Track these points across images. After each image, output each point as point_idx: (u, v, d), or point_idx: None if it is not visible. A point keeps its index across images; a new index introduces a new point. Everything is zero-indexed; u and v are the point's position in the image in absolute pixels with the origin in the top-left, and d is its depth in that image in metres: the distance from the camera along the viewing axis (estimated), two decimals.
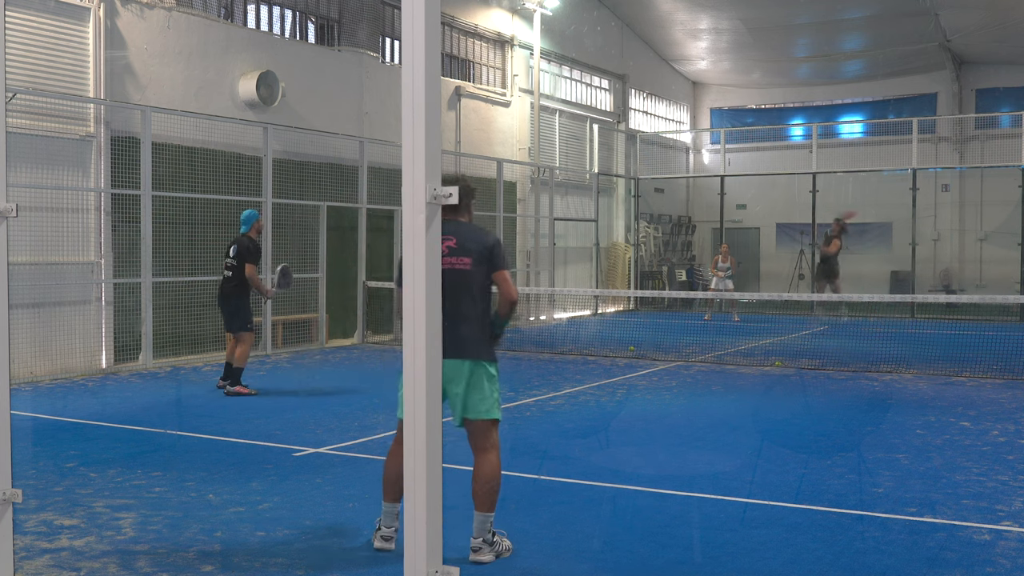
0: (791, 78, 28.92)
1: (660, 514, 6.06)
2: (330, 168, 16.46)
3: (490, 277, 5.19)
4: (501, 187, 20.36)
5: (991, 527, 5.74)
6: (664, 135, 28.88)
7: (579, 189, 24.18)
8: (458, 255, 5.10)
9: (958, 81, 26.93)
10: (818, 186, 23.64)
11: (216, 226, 14.30)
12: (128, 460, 7.48)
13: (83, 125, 12.64)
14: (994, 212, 25.33)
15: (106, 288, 12.81)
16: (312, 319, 15.98)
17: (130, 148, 13.10)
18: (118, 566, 5.00)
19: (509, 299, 5.21)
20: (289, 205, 15.53)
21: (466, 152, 19.71)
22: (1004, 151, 24.70)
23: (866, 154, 27.20)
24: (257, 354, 14.48)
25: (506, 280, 5.20)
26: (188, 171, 14.02)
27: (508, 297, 5.21)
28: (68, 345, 12.33)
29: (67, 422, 9.14)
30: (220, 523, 5.77)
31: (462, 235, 5.18)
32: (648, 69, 27.60)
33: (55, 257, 12.22)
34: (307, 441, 8.23)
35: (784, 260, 27.11)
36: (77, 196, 12.59)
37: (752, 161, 28.49)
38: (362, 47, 17.20)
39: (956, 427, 9.00)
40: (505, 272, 5.23)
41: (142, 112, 13.08)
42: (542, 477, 6.97)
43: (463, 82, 20.19)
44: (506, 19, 21.54)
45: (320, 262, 16.05)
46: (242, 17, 15.59)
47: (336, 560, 5.11)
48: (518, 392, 11.13)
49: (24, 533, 5.48)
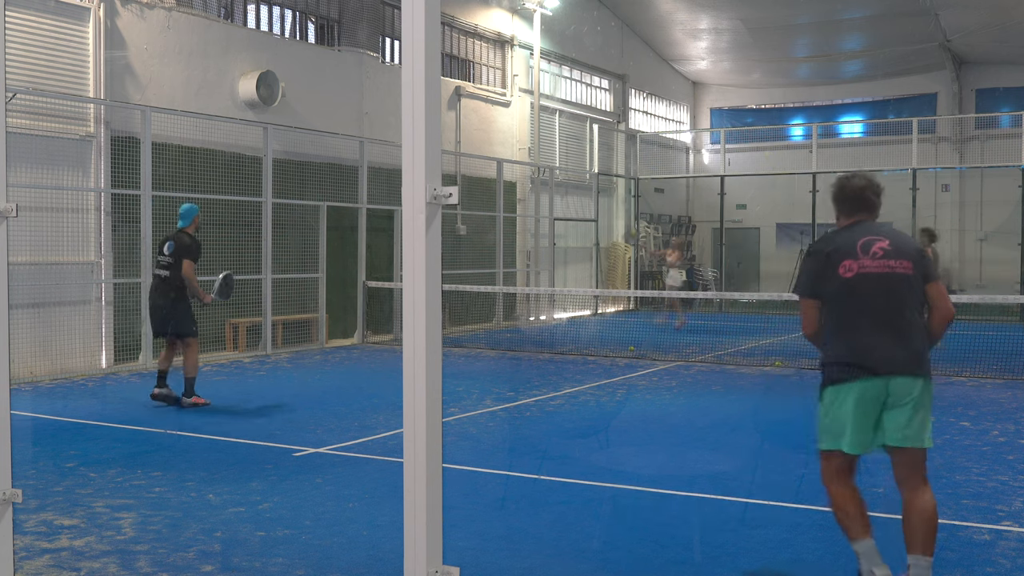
0: (791, 78, 28.91)
1: (660, 514, 6.06)
2: (330, 168, 16.46)
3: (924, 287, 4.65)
4: (501, 187, 20.36)
5: (991, 527, 5.74)
6: (664, 135, 28.87)
7: (579, 189, 24.18)
8: (895, 258, 4.59)
9: (958, 81, 26.92)
10: (818, 186, 23.64)
11: (216, 226, 14.30)
12: (128, 460, 7.48)
13: (83, 125, 12.63)
14: (994, 212, 25.32)
15: (106, 288, 12.81)
16: (312, 319, 15.98)
17: (130, 148, 13.09)
18: (118, 566, 4.99)
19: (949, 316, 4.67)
20: (289, 205, 15.53)
21: (466, 152, 19.71)
22: (1004, 151, 24.70)
23: (866, 154, 27.18)
24: (257, 354, 14.49)
25: (944, 295, 4.67)
26: (188, 171, 14.02)
27: (948, 314, 4.67)
28: (68, 345, 12.33)
29: (67, 422, 9.13)
30: (220, 523, 5.77)
31: (895, 238, 4.68)
32: (648, 69, 27.60)
33: (55, 257, 12.22)
34: (307, 441, 8.23)
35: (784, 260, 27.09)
36: (77, 196, 12.58)
37: (752, 161, 28.47)
38: (362, 47, 17.20)
39: (956, 427, 9.00)
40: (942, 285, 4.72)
41: (142, 112, 13.08)
42: (542, 477, 6.96)
43: (463, 82, 20.19)
44: (506, 19, 21.54)
45: (320, 262, 16.04)
46: (242, 17, 15.58)
47: (336, 560, 5.11)
48: (518, 392, 11.13)
49: (24, 533, 5.48)
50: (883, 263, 4.56)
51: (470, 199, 19.75)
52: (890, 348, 4.50)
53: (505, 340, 17.36)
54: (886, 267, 4.56)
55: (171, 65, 13.86)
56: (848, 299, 4.59)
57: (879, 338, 4.52)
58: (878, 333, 4.53)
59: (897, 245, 4.61)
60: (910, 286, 4.57)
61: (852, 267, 4.59)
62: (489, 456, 7.80)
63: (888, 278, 4.55)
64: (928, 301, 4.63)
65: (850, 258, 4.60)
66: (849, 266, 4.59)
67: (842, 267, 4.60)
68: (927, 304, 4.64)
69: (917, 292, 4.59)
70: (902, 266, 4.56)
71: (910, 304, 4.58)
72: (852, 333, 4.57)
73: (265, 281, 14.88)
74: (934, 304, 4.63)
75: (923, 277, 4.60)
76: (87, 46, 12.67)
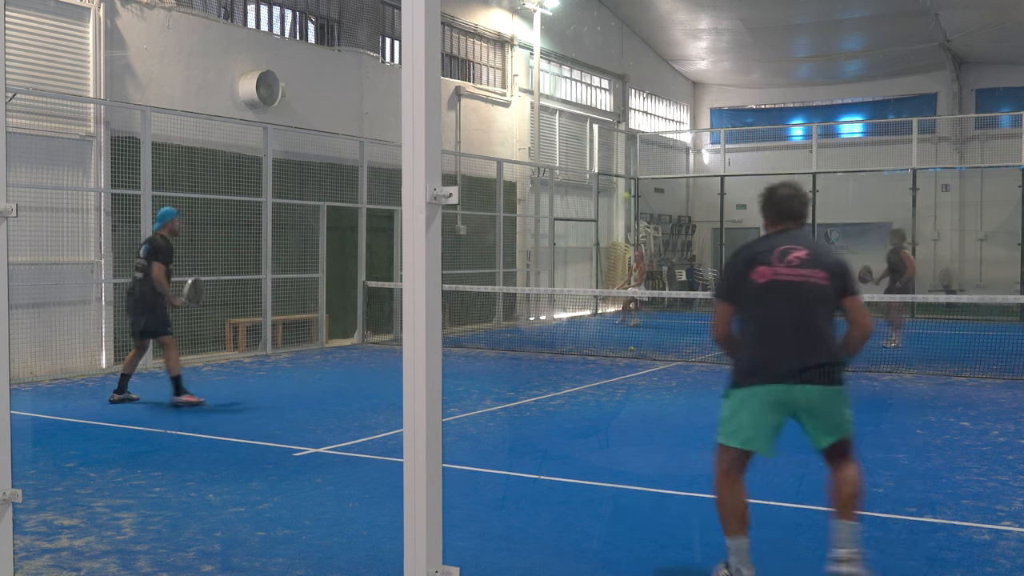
0: (791, 78, 28.91)
1: (660, 514, 6.06)
2: (330, 168, 16.46)
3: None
4: (501, 187, 20.37)
5: (991, 527, 5.74)
6: (664, 135, 28.87)
7: (579, 189, 24.18)
8: (810, 267, 4.56)
9: (958, 81, 26.92)
10: (818, 186, 23.64)
11: (216, 226, 14.31)
12: (128, 460, 7.48)
13: (83, 125, 12.63)
14: (994, 212, 25.31)
15: (106, 288, 12.81)
16: (312, 319, 15.98)
17: (130, 148, 13.09)
18: (118, 566, 4.99)
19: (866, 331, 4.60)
20: (289, 205, 15.53)
21: (466, 152, 19.71)
22: (1004, 151, 24.69)
23: (866, 154, 27.19)
24: (257, 354, 14.49)
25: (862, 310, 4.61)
26: (188, 171, 14.02)
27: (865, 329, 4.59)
28: (68, 345, 12.33)
29: (67, 422, 9.13)
30: (220, 523, 5.77)
31: (814, 248, 4.64)
32: (648, 69, 27.60)
33: (55, 257, 12.22)
34: (307, 441, 8.23)
35: None
36: (77, 196, 12.58)
37: (752, 161, 28.47)
38: (362, 47, 17.20)
39: (956, 427, 9.00)
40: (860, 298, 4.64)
41: (142, 112, 13.08)
42: (542, 477, 6.97)
43: (463, 82, 20.19)
44: (506, 19, 21.54)
45: (320, 262, 16.04)
46: (242, 17, 15.58)
47: (336, 560, 5.11)
48: (518, 392, 11.12)
49: (24, 533, 5.48)
50: (797, 272, 4.55)
51: (470, 199, 19.75)
52: (795, 357, 4.51)
53: (505, 340, 17.36)
54: (800, 276, 4.55)
55: (171, 65, 13.86)
56: (760, 305, 4.62)
57: (786, 346, 4.54)
58: (786, 341, 4.55)
59: (815, 255, 4.58)
60: (823, 297, 4.55)
61: (766, 273, 4.59)
62: (489, 456, 7.80)
63: (801, 287, 4.54)
64: (846, 315, 4.60)
65: (765, 265, 4.61)
66: (763, 272, 4.60)
67: (756, 273, 4.61)
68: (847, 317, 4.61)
69: (831, 303, 4.58)
70: (816, 276, 4.54)
71: (822, 314, 4.56)
72: (761, 339, 4.61)
73: (265, 281, 14.88)
74: (851, 319, 4.59)
75: (840, 290, 4.56)
76: (87, 46, 12.67)
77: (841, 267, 4.61)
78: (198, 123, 14.19)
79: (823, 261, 4.58)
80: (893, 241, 16.20)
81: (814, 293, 4.54)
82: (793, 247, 4.62)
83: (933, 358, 14.28)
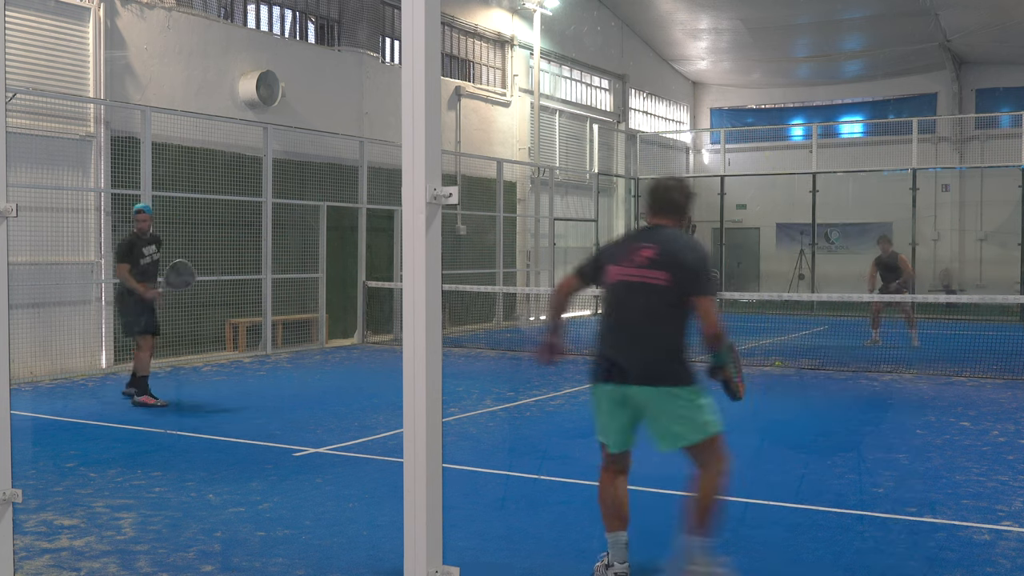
0: (791, 78, 28.91)
1: (660, 514, 6.05)
2: (330, 168, 16.46)
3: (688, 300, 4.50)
4: (501, 187, 20.37)
5: (991, 527, 5.74)
6: (664, 135, 28.87)
7: (579, 189, 24.18)
8: (653, 268, 4.48)
9: (958, 81, 26.92)
10: (818, 186, 23.64)
11: (216, 226, 14.31)
12: (128, 460, 7.48)
13: (83, 125, 12.63)
14: (994, 212, 25.31)
15: (106, 288, 12.80)
16: (312, 319, 15.98)
17: (130, 148, 13.09)
18: (118, 566, 4.99)
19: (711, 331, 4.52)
20: (289, 205, 15.53)
21: (466, 152, 19.71)
22: (1004, 151, 24.69)
23: (866, 154, 27.19)
24: (257, 354, 14.49)
25: (708, 311, 4.49)
26: (188, 171, 14.02)
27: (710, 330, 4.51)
28: (68, 345, 12.32)
29: (67, 422, 9.14)
30: (220, 523, 5.77)
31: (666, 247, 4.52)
32: (648, 69, 27.60)
33: (55, 257, 12.22)
34: (307, 441, 8.23)
35: (784, 260, 27.09)
36: (77, 196, 12.58)
37: (752, 161, 28.48)
38: (362, 47, 17.20)
39: (956, 427, 9.00)
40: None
41: (142, 112, 13.08)
42: (542, 477, 6.97)
43: (463, 82, 20.19)
44: (506, 19, 21.54)
45: (320, 262, 16.04)
46: (242, 17, 15.58)
47: (336, 560, 5.11)
48: (518, 392, 11.12)
49: (24, 533, 5.48)
50: (640, 271, 4.50)
51: (470, 199, 19.75)
52: (627, 358, 4.52)
53: (505, 340, 17.35)
54: (640, 276, 4.50)
55: (171, 65, 13.86)
56: (607, 304, 4.68)
57: (621, 347, 4.56)
58: (621, 341, 4.57)
59: (663, 255, 4.46)
60: (662, 298, 4.45)
61: (615, 273, 4.60)
62: (489, 456, 7.80)
63: (640, 287, 4.49)
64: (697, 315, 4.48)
65: (615, 263, 4.60)
66: (612, 271, 4.61)
67: (608, 273, 4.62)
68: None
69: (672, 304, 4.46)
70: (656, 277, 4.44)
71: (661, 315, 4.47)
72: (604, 338, 4.67)
73: (265, 281, 14.88)
74: (699, 320, 4.47)
75: (683, 290, 4.43)
76: (87, 46, 12.67)
77: (690, 267, 4.45)
78: (198, 123, 14.19)
79: (668, 261, 4.46)
80: (880, 246, 16.47)
81: (652, 294, 4.46)
82: (645, 245, 4.54)
83: (933, 358, 14.27)
